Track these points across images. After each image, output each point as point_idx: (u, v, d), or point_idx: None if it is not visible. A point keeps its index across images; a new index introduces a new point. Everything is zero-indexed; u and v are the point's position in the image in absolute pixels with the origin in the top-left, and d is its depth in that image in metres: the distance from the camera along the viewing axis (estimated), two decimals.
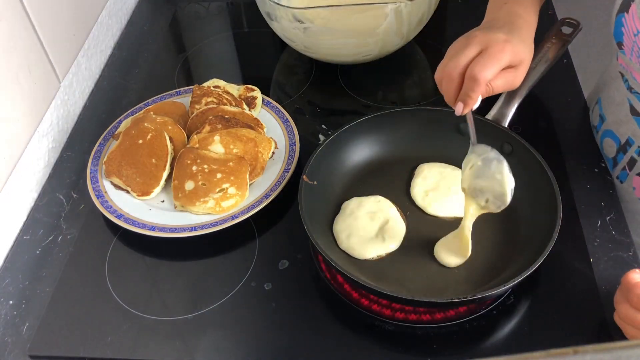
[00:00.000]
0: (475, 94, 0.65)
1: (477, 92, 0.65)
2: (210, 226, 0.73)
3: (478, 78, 0.64)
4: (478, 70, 0.64)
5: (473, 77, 0.64)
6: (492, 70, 0.64)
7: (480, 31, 0.67)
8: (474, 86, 0.64)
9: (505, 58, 0.65)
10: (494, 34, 0.66)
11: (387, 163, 0.81)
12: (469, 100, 0.65)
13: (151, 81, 1.01)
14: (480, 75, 0.63)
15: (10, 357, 0.66)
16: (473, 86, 0.64)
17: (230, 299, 0.69)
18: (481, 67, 0.64)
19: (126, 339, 0.66)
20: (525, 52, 0.67)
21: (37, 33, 0.84)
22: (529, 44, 0.69)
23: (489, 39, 0.65)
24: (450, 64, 0.66)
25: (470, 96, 0.65)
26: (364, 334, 0.66)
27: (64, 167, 0.88)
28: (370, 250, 0.70)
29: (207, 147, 0.79)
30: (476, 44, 0.65)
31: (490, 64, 0.64)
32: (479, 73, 0.63)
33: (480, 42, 0.65)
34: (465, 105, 0.66)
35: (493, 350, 0.63)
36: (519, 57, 0.66)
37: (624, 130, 0.76)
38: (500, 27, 0.68)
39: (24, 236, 0.79)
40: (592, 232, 0.72)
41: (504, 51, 0.64)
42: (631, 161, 0.76)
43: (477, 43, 0.65)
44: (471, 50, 0.65)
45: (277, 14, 0.90)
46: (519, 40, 0.67)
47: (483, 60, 0.64)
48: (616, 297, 0.60)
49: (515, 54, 0.66)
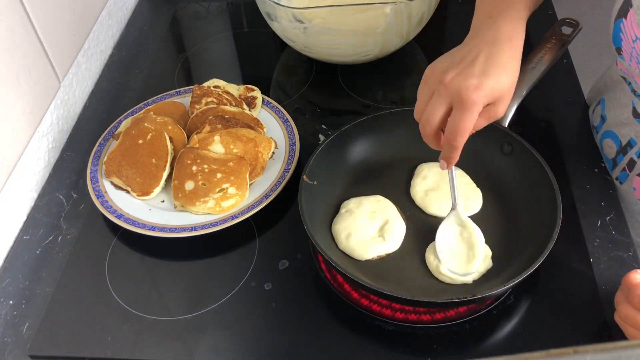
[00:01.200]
0: (456, 155, 0.63)
1: (457, 154, 0.63)
2: (210, 226, 0.73)
3: (456, 145, 0.62)
4: (453, 137, 0.61)
5: (451, 145, 0.62)
6: (468, 129, 0.60)
7: (452, 72, 0.61)
8: (454, 150, 0.62)
9: (479, 107, 0.60)
10: (465, 80, 0.59)
11: (387, 163, 0.81)
12: (452, 161, 0.64)
13: (151, 81, 1.01)
14: (457, 141, 0.61)
15: (10, 357, 0.66)
16: (452, 151, 0.63)
17: (230, 299, 0.69)
18: (456, 133, 0.60)
19: (126, 339, 0.66)
20: (504, 85, 0.61)
21: (37, 33, 0.84)
22: (511, 68, 0.62)
23: (459, 90, 0.59)
24: (424, 124, 0.63)
25: (451, 157, 0.64)
26: (364, 334, 0.66)
27: (64, 167, 0.88)
28: (370, 251, 0.70)
29: (207, 147, 0.79)
30: (446, 97, 0.61)
31: (465, 124, 0.60)
32: (456, 140, 0.61)
33: (450, 94, 0.60)
34: (448, 163, 0.65)
35: (493, 350, 0.63)
36: (496, 95, 0.61)
37: (627, 132, 0.76)
38: (474, 61, 0.61)
39: (24, 236, 0.79)
40: (592, 232, 0.72)
41: (477, 102, 0.59)
42: (631, 162, 0.76)
43: (447, 96, 0.60)
44: (441, 106, 0.61)
45: (277, 14, 0.90)
46: (497, 70, 0.61)
47: (457, 123, 0.60)
48: (617, 297, 0.60)
49: (491, 95, 0.60)
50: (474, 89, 0.59)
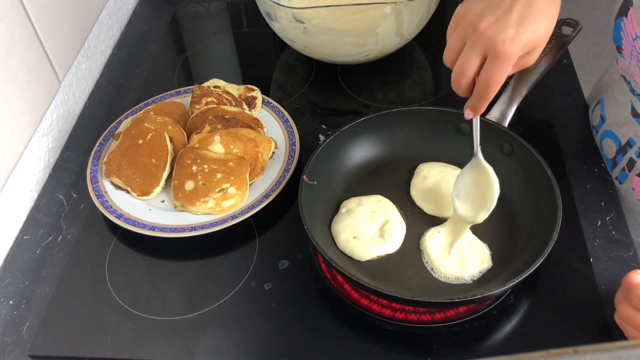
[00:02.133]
0: (484, 105, 0.61)
1: (486, 104, 0.62)
2: (210, 226, 0.73)
3: (487, 97, 0.60)
4: (486, 89, 0.59)
5: (481, 96, 0.60)
6: (501, 81, 0.59)
7: (487, 20, 0.58)
8: (483, 101, 0.61)
9: (515, 59, 0.58)
10: (502, 30, 0.57)
11: (387, 163, 0.81)
12: (479, 111, 0.62)
13: (151, 81, 1.01)
14: (490, 93, 0.60)
15: (10, 357, 0.66)
16: (482, 101, 0.61)
17: (230, 299, 0.69)
18: (489, 85, 0.59)
19: (126, 339, 0.66)
20: (541, 34, 0.58)
21: (37, 33, 0.84)
22: (549, 16, 0.59)
23: (495, 42, 0.57)
24: (458, 75, 0.60)
25: (479, 108, 0.62)
26: (364, 334, 0.66)
27: (64, 167, 0.88)
28: (370, 252, 0.70)
29: (207, 147, 0.79)
30: (481, 46, 0.58)
31: (499, 77, 0.58)
32: (488, 92, 0.59)
33: (485, 45, 0.58)
34: (475, 113, 0.63)
35: (493, 350, 0.63)
36: (531, 45, 0.58)
37: (625, 131, 0.76)
38: (512, 7, 0.58)
39: (24, 236, 0.79)
40: (592, 232, 0.72)
41: (514, 54, 0.57)
42: (630, 162, 0.76)
43: (482, 45, 0.58)
44: (476, 57, 0.59)
45: (277, 14, 0.90)
46: (535, 19, 0.57)
47: (491, 75, 0.58)
48: (617, 297, 0.60)
49: (527, 47, 0.58)
50: (511, 41, 0.56)
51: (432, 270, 0.68)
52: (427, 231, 0.72)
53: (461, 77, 0.60)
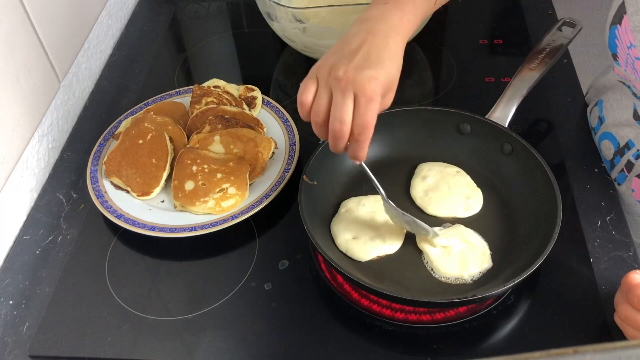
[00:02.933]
0: (365, 150, 0.61)
1: (365, 148, 0.61)
2: (210, 226, 0.73)
3: (365, 140, 0.60)
4: (362, 132, 0.59)
5: (360, 142, 0.60)
6: (374, 121, 0.60)
7: (346, 66, 0.59)
8: (363, 145, 0.61)
9: (379, 97, 0.59)
10: (361, 71, 0.59)
11: (387, 163, 0.81)
12: (362, 157, 0.62)
13: (151, 81, 1.01)
14: (367, 135, 0.60)
15: (10, 357, 0.66)
16: (361, 145, 0.61)
17: (230, 299, 0.69)
18: (365, 127, 0.59)
19: (126, 339, 0.66)
20: (394, 75, 0.62)
21: (37, 33, 0.84)
22: (396, 60, 0.62)
23: (359, 82, 0.58)
24: (337, 122, 0.59)
25: (360, 155, 0.62)
26: (364, 334, 0.66)
27: (64, 167, 0.88)
28: (370, 252, 0.70)
29: (207, 147, 0.79)
30: (349, 90, 0.59)
31: (372, 116, 0.59)
32: (365, 135, 0.60)
33: (352, 88, 0.58)
34: (359, 160, 0.63)
35: (493, 350, 0.63)
36: (388, 86, 0.61)
37: (625, 133, 0.76)
38: (369, 53, 0.60)
39: (24, 236, 0.79)
40: (592, 232, 0.72)
41: (377, 92, 0.59)
42: (628, 164, 0.76)
43: (349, 90, 0.59)
44: (349, 102, 0.59)
45: (277, 14, 0.90)
46: (387, 62, 0.61)
47: (364, 116, 0.59)
48: (616, 297, 0.60)
49: (385, 85, 0.60)
50: (372, 79, 0.58)
51: (432, 270, 0.68)
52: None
53: (342, 127, 0.59)
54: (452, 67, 0.99)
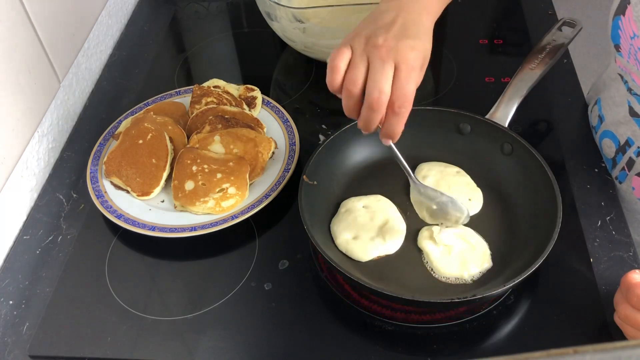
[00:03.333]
0: (402, 125, 0.58)
1: (403, 124, 0.58)
2: (210, 226, 0.73)
3: (405, 112, 0.57)
4: (402, 103, 0.56)
5: (398, 114, 0.57)
6: (414, 92, 0.57)
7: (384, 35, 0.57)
8: (402, 119, 0.57)
9: (419, 68, 0.58)
10: (401, 40, 0.57)
11: (387, 163, 0.80)
12: (398, 135, 0.59)
13: (151, 81, 1.01)
14: (407, 107, 0.57)
15: (10, 357, 0.66)
16: (400, 119, 0.57)
17: (230, 299, 0.69)
18: (405, 98, 0.56)
19: (126, 339, 0.66)
20: (428, 49, 0.60)
21: (37, 33, 0.84)
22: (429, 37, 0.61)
23: (400, 50, 0.56)
24: (376, 91, 0.56)
25: (397, 131, 0.59)
26: (364, 334, 0.66)
27: (64, 167, 0.88)
28: (370, 252, 0.70)
29: (207, 147, 0.79)
30: (389, 58, 0.56)
31: (412, 86, 0.57)
32: (405, 106, 0.56)
33: (392, 56, 0.56)
34: (394, 139, 0.60)
35: (493, 350, 0.63)
36: (426, 58, 0.59)
37: (624, 131, 0.76)
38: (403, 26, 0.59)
39: (24, 236, 0.79)
40: (592, 232, 0.72)
41: (419, 61, 0.57)
42: (630, 162, 0.76)
43: (390, 57, 0.56)
44: (389, 69, 0.56)
45: (277, 14, 0.90)
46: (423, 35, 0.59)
47: (405, 86, 0.56)
48: (616, 297, 0.60)
49: (424, 57, 0.59)
50: (413, 48, 0.57)
51: (432, 270, 0.68)
52: (422, 231, 0.72)
53: (381, 96, 0.56)
54: (452, 67, 0.99)
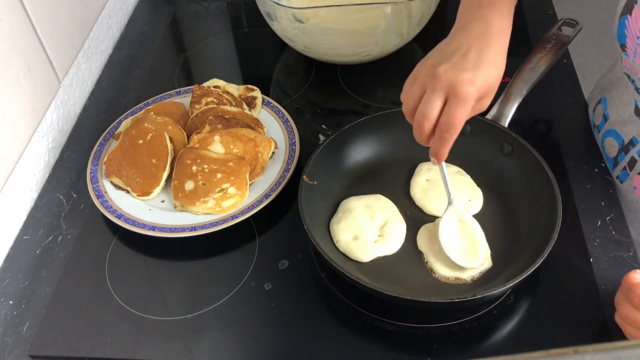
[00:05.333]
0: (447, 149, 0.62)
1: (448, 147, 0.62)
2: (210, 226, 0.73)
3: (449, 139, 0.61)
4: (446, 130, 0.60)
5: (443, 139, 0.61)
6: (462, 122, 0.60)
7: (444, 66, 0.61)
8: (446, 143, 0.62)
9: (473, 100, 0.60)
10: (459, 73, 0.60)
11: (387, 163, 0.81)
12: (442, 156, 0.63)
13: (151, 81, 1.01)
14: (451, 135, 0.61)
15: (10, 357, 0.66)
16: (444, 145, 0.62)
17: (230, 299, 0.69)
18: (451, 126, 0.60)
19: (126, 339, 0.66)
20: (493, 78, 0.62)
21: (37, 33, 0.84)
22: (499, 63, 0.63)
23: (454, 83, 0.59)
24: (421, 119, 0.61)
25: (442, 153, 0.63)
26: (364, 334, 0.66)
27: (64, 167, 0.88)
28: (370, 253, 0.70)
29: (207, 147, 0.79)
30: (441, 90, 0.60)
31: (460, 117, 0.60)
32: (449, 133, 0.61)
33: (445, 87, 0.60)
34: (438, 160, 0.64)
35: (493, 350, 0.63)
36: (486, 89, 0.62)
37: (629, 130, 0.76)
38: (466, 55, 0.61)
39: (24, 236, 0.79)
40: (592, 232, 0.72)
41: (472, 94, 0.60)
42: (632, 161, 0.76)
43: (442, 89, 0.60)
44: (438, 100, 0.60)
45: (277, 14, 0.90)
46: (488, 65, 0.61)
47: (452, 116, 0.60)
48: (617, 297, 0.60)
49: (483, 89, 0.61)
50: (469, 82, 0.59)
51: (432, 270, 0.68)
52: (421, 230, 0.72)
53: (424, 121, 0.61)
54: None
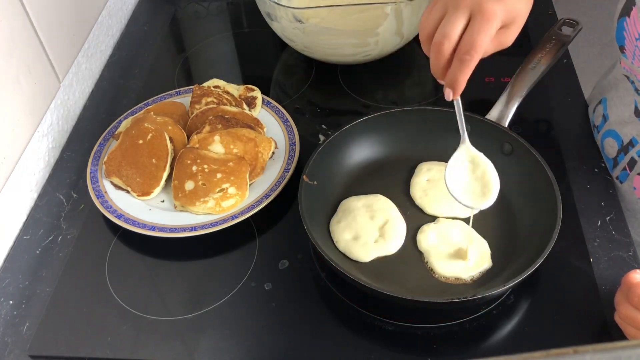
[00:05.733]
0: (466, 75, 0.58)
1: (467, 74, 0.58)
2: (210, 226, 0.73)
3: (469, 61, 0.57)
4: (468, 51, 0.56)
5: (463, 61, 0.57)
6: (485, 43, 0.56)
7: None
8: (465, 68, 0.57)
9: (499, 20, 0.56)
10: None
11: (387, 163, 0.81)
12: (459, 85, 0.59)
13: (151, 81, 1.01)
14: (472, 56, 0.56)
15: (10, 357, 0.66)
16: (463, 68, 0.57)
17: (230, 299, 0.69)
18: (472, 46, 0.56)
19: (126, 339, 0.66)
20: (521, 7, 0.59)
21: (37, 33, 0.84)
22: None
23: (479, 1, 0.56)
24: (440, 39, 0.57)
25: (459, 80, 0.58)
26: (364, 334, 0.66)
27: (64, 167, 0.88)
28: (370, 253, 0.70)
29: (207, 147, 0.79)
30: (464, 7, 0.56)
31: (483, 37, 0.56)
32: (470, 54, 0.56)
33: (470, 4, 0.56)
34: (455, 90, 0.60)
35: (493, 350, 0.63)
36: (513, 14, 0.58)
37: (628, 131, 0.76)
38: None
39: (24, 236, 0.79)
40: (592, 232, 0.72)
41: (498, 13, 0.56)
42: (631, 161, 0.76)
43: (466, 6, 0.56)
44: (461, 18, 0.56)
45: (277, 14, 0.90)
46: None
47: (475, 34, 0.56)
48: (617, 297, 0.60)
49: (510, 13, 0.57)
50: (498, 1, 0.56)
51: (432, 270, 0.68)
52: (421, 230, 0.72)
53: (444, 41, 0.57)
54: None
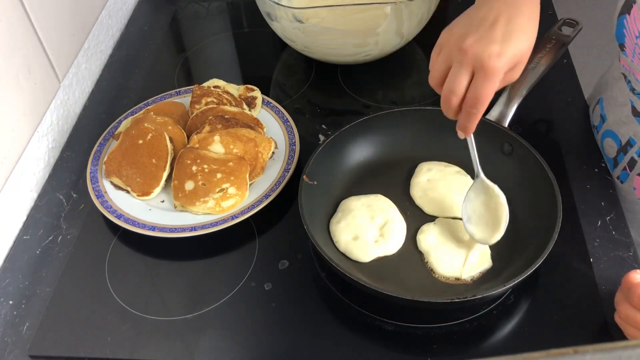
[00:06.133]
0: (474, 124, 0.61)
1: (475, 122, 0.61)
2: (210, 226, 0.73)
3: (476, 113, 0.60)
4: (474, 105, 0.59)
5: (470, 114, 0.60)
6: (490, 97, 0.59)
7: (471, 39, 0.59)
8: (473, 118, 0.61)
9: (502, 74, 0.58)
10: (486, 47, 0.58)
11: (387, 163, 0.81)
12: (469, 130, 0.62)
13: (151, 81, 1.01)
14: (478, 110, 0.60)
15: (10, 357, 0.66)
16: (472, 119, 0.61)
17: (230, 299, 0.69)
18: (478, 101, 0.59)
19: (126, 339, 0.66)
20: (524, 49, 0.60)
21: (37, 33, 0.84)
22: (530, 31, 0.60)
23: (482, 58, 0.57)
24: (448, 95, 0.60)
25: (469, 127, 0.62)
26: (364, 334, 0.66)
27: (64, 167, 0.88)
28: (370, 253, 0.70)
29: (207, 147, 0.79)
30: (467, 64, 0.58)
31: (487, 92, 0.58)
32: (476, 108, 0.59)
33: (471, 62, 0.58)
34: (466, 132, 0.63)
35: (493, 350, 0.63)
36: (516, 60, 0.59)
37: (625, 131, 0.76)
38: (494, 25, 0.59)
39: (24, 236, 0.79)
40: (592, 232, 0.72)
41: (500, 69, 0.58)
42: (631, 161, 0.76)
43: (469, 63, 0.58)
44: (465, 75, 0.59)
45: (277, 14, 0.90)
46: (517, 35, 0.59)
47: (479, 91, 0.58)
48: (617, 297, 0.60)
49: (512, 61, 0.59)
50: (497, 56, 0.57)
51: (432, 270, 0.68)
52: (421, 230, 0.72)
53: (451, 96, 0.60)
54: None
